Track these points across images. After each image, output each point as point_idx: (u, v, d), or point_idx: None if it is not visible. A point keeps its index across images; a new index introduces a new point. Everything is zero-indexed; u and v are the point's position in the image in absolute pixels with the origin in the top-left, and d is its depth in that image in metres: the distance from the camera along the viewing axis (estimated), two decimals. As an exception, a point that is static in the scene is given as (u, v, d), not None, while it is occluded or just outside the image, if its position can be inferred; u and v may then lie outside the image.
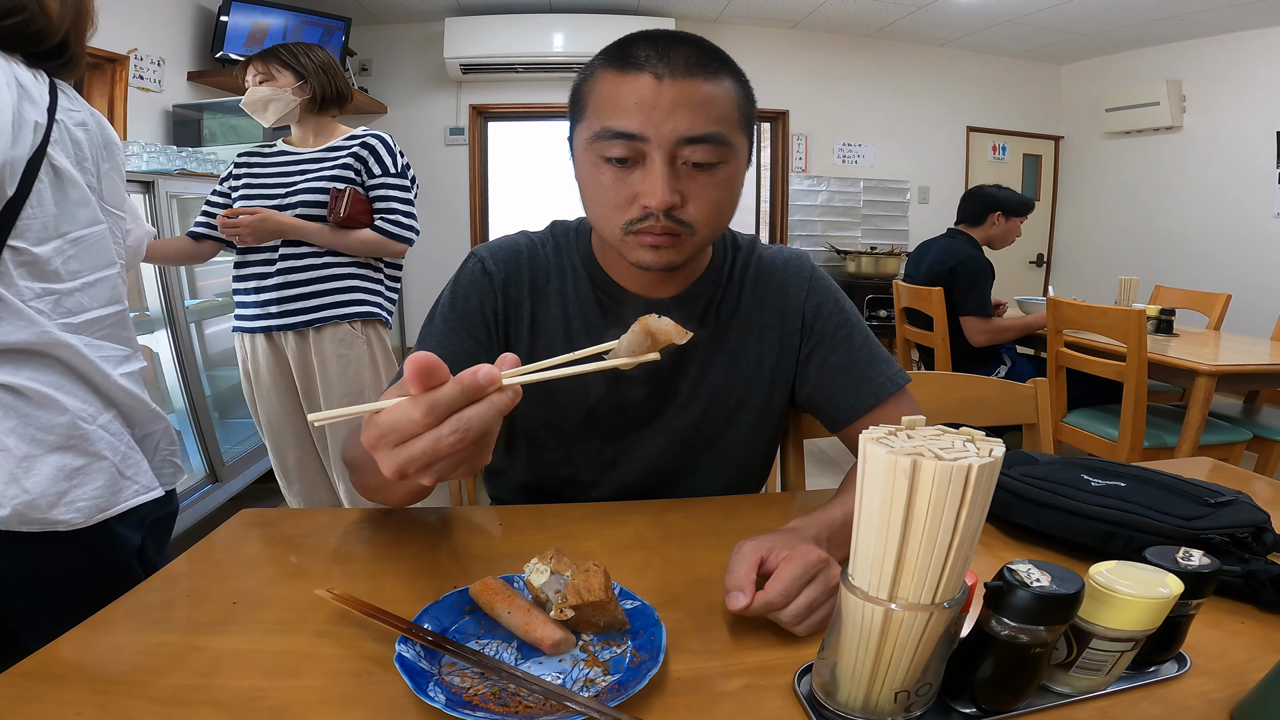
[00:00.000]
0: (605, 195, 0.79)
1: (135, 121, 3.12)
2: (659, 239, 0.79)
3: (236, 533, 0.85)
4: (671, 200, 0.76)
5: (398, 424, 0.48)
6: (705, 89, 0.75)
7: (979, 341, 2.81)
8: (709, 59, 0.76)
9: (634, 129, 0.74)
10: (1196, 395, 2.16)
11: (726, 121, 0.77)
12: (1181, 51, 4.74)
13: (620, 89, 0.75)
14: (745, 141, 0.82)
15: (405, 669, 0.53)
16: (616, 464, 0.97)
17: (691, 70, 0.74)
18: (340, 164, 1.89)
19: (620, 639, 0.61)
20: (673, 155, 0.76)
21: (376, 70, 4.72)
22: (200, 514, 2.38)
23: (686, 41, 0.77)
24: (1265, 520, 0.74)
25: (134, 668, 0.58)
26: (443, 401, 0.48)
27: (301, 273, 1.89)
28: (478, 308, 0.92)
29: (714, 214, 0.80)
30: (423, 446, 0.48)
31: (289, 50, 1.89)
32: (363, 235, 1.89)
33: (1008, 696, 0.52)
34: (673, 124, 0.74)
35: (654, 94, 0.74)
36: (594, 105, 0.78)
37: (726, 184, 0.80)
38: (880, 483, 0.46)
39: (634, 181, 0.77)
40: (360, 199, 1.88)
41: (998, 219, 2.91)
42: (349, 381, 1.94)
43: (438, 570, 0.75)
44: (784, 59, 5.01)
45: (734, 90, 0.79)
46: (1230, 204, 4.56)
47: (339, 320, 1.91)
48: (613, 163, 0.77)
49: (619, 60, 0.76)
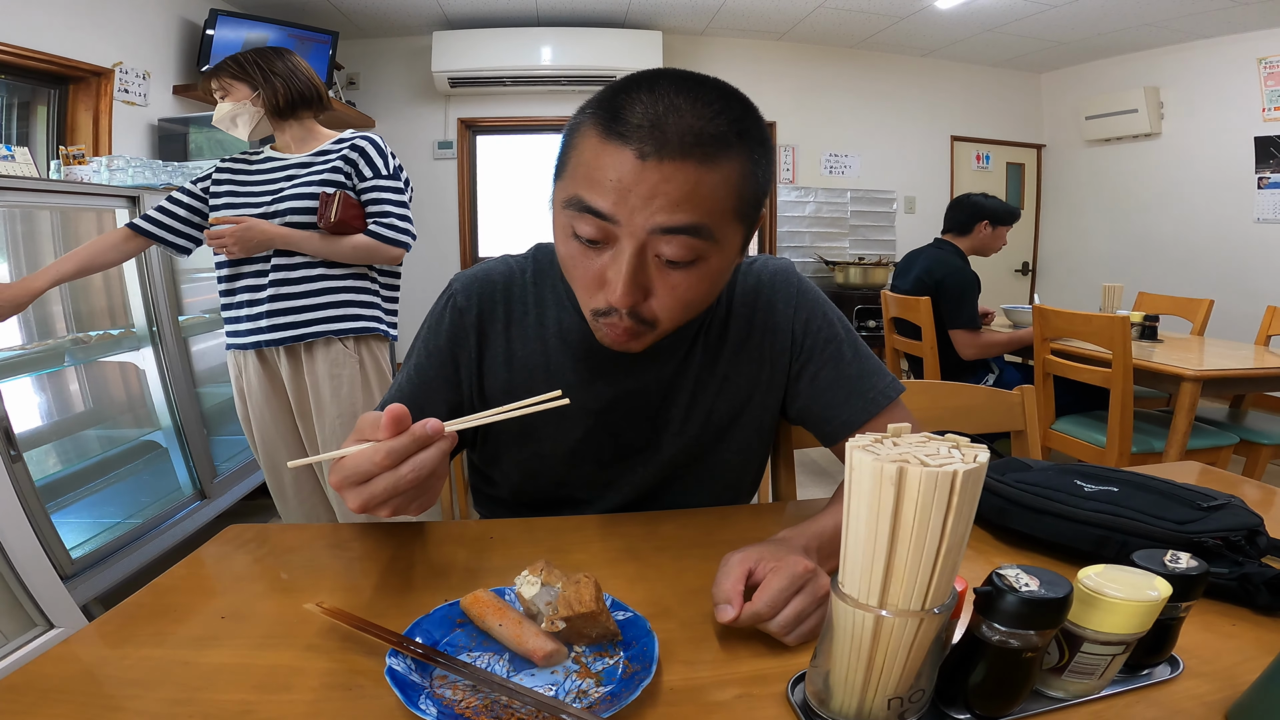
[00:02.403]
0: (574, 269, 0.74)
1: (120, 135, 3.11)
2: (619, 336, 0.75)
3: (225, 548, 0.84)
4: (633, 299, 0.70)
5: (360, 466, 0.59)
6: (695, 175, 0.65)
7: (969, 355, 2.83)
8: (713, 134, 0.65)
9: (605, 209, 0.66)
10: (1182, 400, 2.18)
11: (716, 212, 0.67)
12: (1158, 58, 4.81)
13: (600, 160, 0.66)
14: (739, 231, 0.73)
15: (396, 682, 0.52)
16: (610, 486, 0.97)
17: (685, 150, 0.64)
18: (330, 168, 1.80)
19: (612, 650, 0.60)
20: (643, 246, 0.68)
21: (364, 84, 4.73)
22: (189, 530, 2.36)
23: (692, 108, 0.65)
24: (1258, 523, 0.74)
25: (122, 681, 0.57)
26: (399, 448, 0.58)
27: (294, 285, 1.81)
28: (446, 346, 0.91)
29: (681, 312, 0.74)
30: (384, 484, 0.59)
31: (237, 62, 1.81)
32: (356, 241, 1.80)
33: (1001, 702, 0.52)
34: (647, 213, 0.65)
35: (634, 176, 0.64)
36: (573, 166, 0.70)
37: (701, 282, 0.72)
38: (867, 490, 0.46)
39: (602, 265, 0.70)
40: (352, 203, 1.79)
41: (984, 228, 2.93)
42: (342, 402, 1.85)
43: (428, 583, 0.74)
44: (771, 70, 5.05)
45: (736, 173, 0.68)
46: (1210, 209, 4.62)
47: (331, 336, 1.83)
48: (582, 241, 0.70)
49: (607, 121, 0.66)
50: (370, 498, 0.59)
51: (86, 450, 2.48)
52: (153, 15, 3.37)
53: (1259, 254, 4.38)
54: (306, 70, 1.89)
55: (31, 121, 2.93)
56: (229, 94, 1.81)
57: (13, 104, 2.83)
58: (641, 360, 0.89)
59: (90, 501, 2.30)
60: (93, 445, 2.51)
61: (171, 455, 2.55)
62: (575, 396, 0.89)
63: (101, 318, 2.58)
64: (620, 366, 0.89)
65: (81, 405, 2.62)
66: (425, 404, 0.90)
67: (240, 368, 1.92)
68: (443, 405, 0.91)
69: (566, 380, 0.90)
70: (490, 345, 0.91)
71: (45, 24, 2.68)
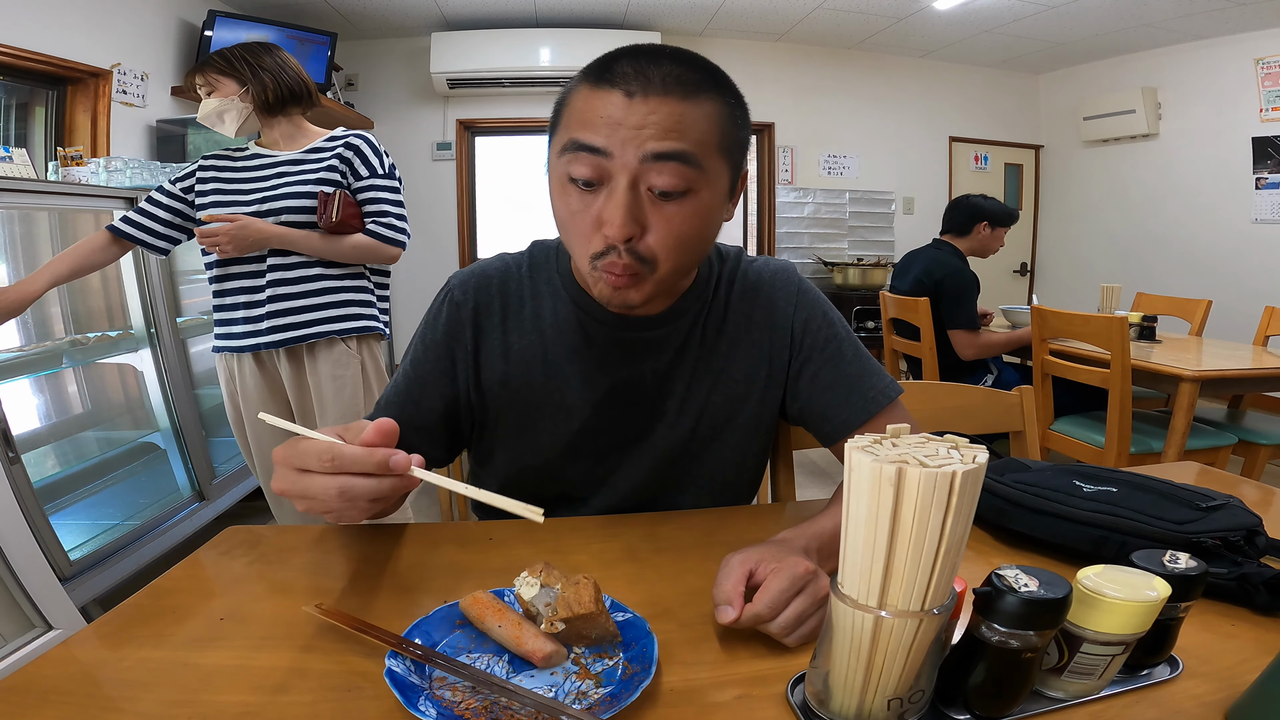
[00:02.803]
0: (572, 220, 0.76)
1: (118, 136, 3.11)
2: (618, 278, 0.76)
3: (223, 549, 0.84)
4: (629, 230, 0.72)
5: (305, 454, 0.60)
6: (679, 108, 0.71)
7: (968, 355, 2.83)
8: (691, 77, 0.72)
9: (598, 143, 0.71)
10: (1181, 401, 2.18)
11: (701, 143, 0.72)
12: (1156, 59, 4.82)
13: (591, 103, 0.72)
14: (724, 167, 0.76)
15: (395, 684, 0.52)
16: (606, 482, 0.97)
17: (668, 88, 0.70)
18: (325, 166, 1.78)
19: (612, 651, 0.60)
20: (636, 179, 0.71)
21: (363, 85, 4.72)
22: (187, 532, 2.35)
23: (671, 58, 0.73)
24: (1257, 523, 0.74)
25: (121, 683, 0.57)
26: (347, 459, 0.58)
27: (293, 285, 1.78)
28: (443, 340, 0.92)
29: (677, 248, 0.75)
30: (310, 483, 0.59)
31: (224, 57, 1.79)
32: (355, 240, 1.78)
33: (1001, 702, 0.52)
34: (638, 142, 0.70)
35: (623, 111, 0.70)
36: (566, 119, 0.75)
37: (694, 216, 0.75)
38: (866, 491, 0.46)
39: (598, 208, 0.73)
40: (351, 202, 1.78)
41: (983, 229, 2.94)
42: (345, 402, 1.84)
43: (427, 585, 0.74)
44: (769, 72, 5.06)
45: (716, 112, 0.74)
46: (1208, 210, 4.63)
47: (334, 337, 1.81)
48: (578, 185, 0.74)
49: (596, 75, 0.73)
50: (290, 487, 0.60)
51: (85, 452, 2.48)
52: (151, 16, 3.37)
53: (1257, 254, 4.38)
54: (295, 66, 1.86)
55: (29, 123, 2.92)
56: (216, 90, 1.78)
57: (10, 105, 2.82)
58: (637, 350, 0.90)
59: (89, 503, 2.30)
60: (91, 447, 2.51)
61: (170, 457, 2.55)
62: (571, 387, 0.91)
63: (99, 319, 2.57)
64: (616, 356, 0.91)
65: (80, 407, 2.62)
66: (421, 398, 0.91)
67: (233, 371, 1.88)
68: (438, 399, 0.92)
69: (563, 370, 0.91)
70: (487, 338, 0.92)
71: (43, 25, 2.68)
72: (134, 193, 2.34)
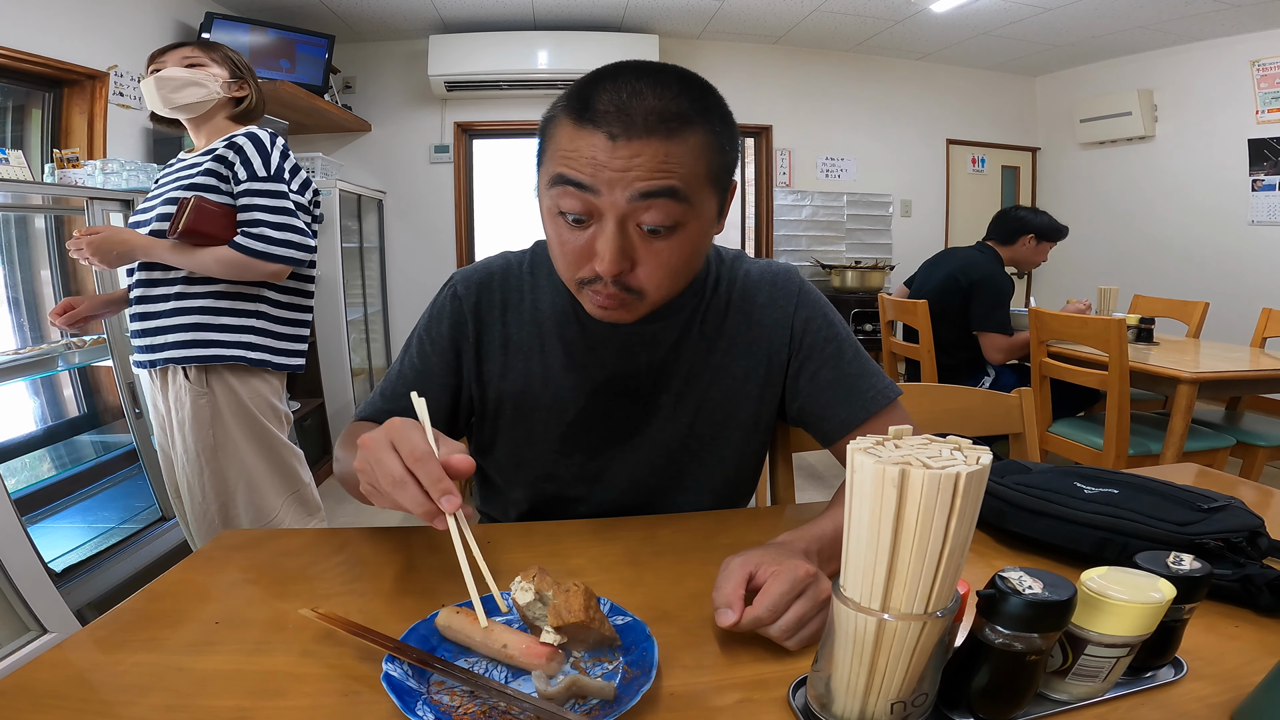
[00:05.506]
0: (563, 248, 0.77)
1: (115, 138, 3.10)
2: (607, 302, 0.78)
3: (218, 553, 0.83)
4: (619, 267, 0.74)
5: (405, 439, 0.62)
6: (664, 147, 0.70)
7: (997, 359, 2.81)
8: (675, 110, 0.71)
9: (586, 180, 0.71)
10: (1179, 403, 2.18)
11: (688, 177, 0.72)
12: (1152, 61, 4.82)
13: (576, 144, 0.72)
14: (712, 195, 0.77)
15: (393, 688, 0.52)
16: (601, 478, 0.97)
17: (651, 129, 0.69)
18: (203, 169, 1.58)
19: (612, 655, 0.60)
20: (624, 217, 0.72)
21: (360, 88, 4.71)
22: (182, 535, 2.33)
23: (653, 90, 0.71)
24: (1259, 525, 0.74)
25: (115, 687, 0.56)
26: (424, 472, 0.61)
27: (152, 303, 1.60)
28: (448, 333, 0.94)
29: (668, 279, 0.78)
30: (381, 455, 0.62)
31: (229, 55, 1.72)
32: (218, 254, 1.54)
33: (1005, 705, 0.52)
34: (625, 183, 0.70)
35: (607, 154, 0.70)
36: (551, 150, 0.75)
37: (683, 247, 0.76)
38: (869, 493, 0.45)
39: (589, 238, 0.74)
40: (208, 209, 1.55)
41: (1029, 241, 2.93)
42: (188, 439, 1.61)
43: (425, 588, 0.74)
44: (767, 74, 5.05)
45: (701, 143, 0.73)
46: (1205, 212, 4.63)
47: (176, 365, 1.59)
48: (568, 219, 0.75)
49: (578, 109, 0.72)
50: (374, 446, 0.63)
51: (81, 455, 2.46)
52: (148, 18, 3.36)
53: (1254, 256, 4.38)
54: None
55: (26, 125, 2.91)
56: (202, 67, 1.66)
57: (7, 107, 2.81)
58: (634, 344, 0.91)
59: (84, 506, 2.29)
60: (86, 450, 2.49)
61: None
62: (566, 378, 0.93)
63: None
64: (612, 350, 0.92)
65: (75, 410, 2.61)
66: (426, 389, 0.91)
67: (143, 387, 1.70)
68: (444, 391, 0.94)
69: (558, 361, 0.93)
70: (487, 330, 0.94)
71: (40, 27, 2.67)
72: (130, 195, 2.34)
